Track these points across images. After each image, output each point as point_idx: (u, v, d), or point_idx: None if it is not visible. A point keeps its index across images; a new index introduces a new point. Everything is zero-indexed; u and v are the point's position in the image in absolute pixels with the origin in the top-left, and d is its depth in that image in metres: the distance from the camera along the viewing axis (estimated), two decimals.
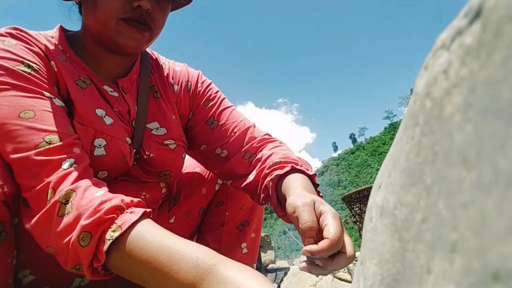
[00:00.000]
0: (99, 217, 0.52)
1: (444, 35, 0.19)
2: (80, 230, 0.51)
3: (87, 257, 0.52)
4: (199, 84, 0.91)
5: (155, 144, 0.79)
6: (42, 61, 0.66)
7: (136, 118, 0.78)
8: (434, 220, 0.17)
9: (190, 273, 0.47)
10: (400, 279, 0.20)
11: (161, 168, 0.81)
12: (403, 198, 0.21)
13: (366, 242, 0.27)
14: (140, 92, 0.80)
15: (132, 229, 0.52)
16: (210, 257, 0.48)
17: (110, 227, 0.52)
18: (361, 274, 0.27)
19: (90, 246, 0.51)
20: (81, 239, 0.51)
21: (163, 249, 0.50)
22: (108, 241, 0.51)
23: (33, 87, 0.61)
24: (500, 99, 0.14)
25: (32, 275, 0.69)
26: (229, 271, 0.46)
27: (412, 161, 0.21)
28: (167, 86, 0.86)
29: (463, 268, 0.14)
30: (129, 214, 0.54)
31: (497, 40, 0.14)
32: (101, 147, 0.69)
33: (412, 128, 0.21)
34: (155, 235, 0.52)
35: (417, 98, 0.21)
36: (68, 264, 0.54)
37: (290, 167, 0.73)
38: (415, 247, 0.19)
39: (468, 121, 0.15)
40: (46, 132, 0.57)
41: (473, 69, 0.16)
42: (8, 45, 0.64)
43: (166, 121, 0.83)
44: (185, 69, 0.92)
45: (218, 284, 0.45)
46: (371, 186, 0.65)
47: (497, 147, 0.13)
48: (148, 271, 0.50)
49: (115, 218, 0.53)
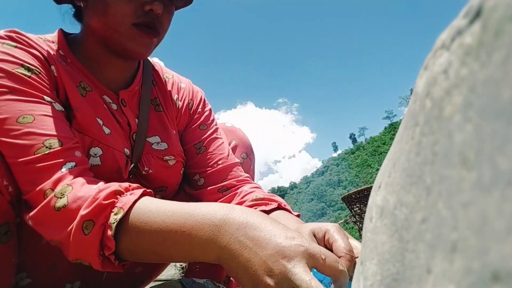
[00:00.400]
0: (99, 204, 0.51)
1: (444, 35, 0.19)
2: (80, 220, 0.51)
3: (93, 246, 0.51)
4: (201, 105, 0.90)
5: (155, 159, 0.78)
6: (42, 64, 0.65)
7: (137, 131, 0.76)
8: (434, 220, 0.17)
9: (204, 229, 0.47)
10: (400, 279, 0.20)
11: (158, 184, 0.79)
12: (403, 198, 0.21)
13: (366, 242, 0.27)
14: (141, 104, 0.78)
15: (133, 208, 0.52)
16: (219, 209, 0.48)
17: (112, 212, 0.52)
18: (361, 274, 0.27)
19: (94, 233, 0.51)
20: (85, 228, 0.51)
21: (170, 216, 0.50)
22: (113, 225, 0.50)
23: (32, 91, 0.60)
24: (500, 99, 0.14)
25: (28, 278, 0.69)
26: (243, 216, 0.46)
27: (412, 161, 0.21)
28: (169, 100, 0.85)
29: (463, 268, 0.14)
30: (128, 196, 0.54)
31: (497, 40, 0.14)
32: (97, 157, 0.68)
33: (412, 128, 0.21)
34: (158, 206, 0.52)
35: (417, 98, 0.21)
36: (69, 255, 0.53)
37: (277, 205, 0.71)
38: (415, 247, 0.19)
39: (468, 121, 0.15)
40: (45, 136, 0.57)
41: (473, 69, 0.16)
42: (8, 47, 0.63)
43: (167, 136, 0.81)
44: (190, 86, 0.91)
45: (237, 231, 0.45)
46: (371, 186, 0.65)
47: (497, 147, 0.13)
48: (161, 242, 0.50)
49: (115, 203, 0.52)
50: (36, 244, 0.67)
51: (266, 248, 0.43)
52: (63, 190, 0.53)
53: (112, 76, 0.76)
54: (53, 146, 0.56)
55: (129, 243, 0.52)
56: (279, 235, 0.44)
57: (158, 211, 0.51)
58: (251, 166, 0.97)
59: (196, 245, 0.47)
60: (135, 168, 0.75)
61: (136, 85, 0.79)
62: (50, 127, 0.58)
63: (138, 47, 0.69)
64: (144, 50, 0.70)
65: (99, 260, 0.52)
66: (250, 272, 0.43)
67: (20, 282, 0.68)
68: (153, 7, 0.67)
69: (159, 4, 0.67)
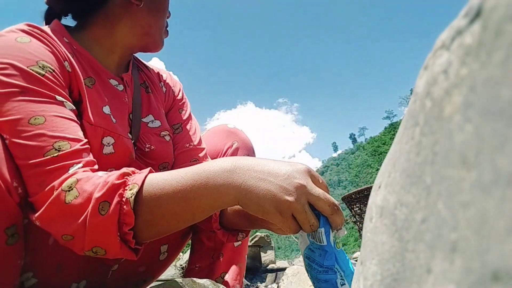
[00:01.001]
0: (112, 184, 0.53)
1: (444, 35, 0.19)
2: (96, 202, 0.52)
3: (112, 225, 0.52)
4: (181, 93, 0.99)
5: (154, 136, 0.82)
6: (57, 60, 0.65)
7: (132, 111, 0.81)
8: (434, 220, 0.17)
9: (219, 177, 0.54)
10: (400, 279, 0.20)
11: (161, 160, 0.83)
12: (403, 198, 0.21)
13: (366, 242, 0.27)
14: (135, 86, 0.85)
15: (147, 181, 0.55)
16: (226, 159, 0.56)
17: (125, 189, 0.54)
18: (361, 274, 0.27)
19: (112, 212, 0.52)
20: (101, 209, 0.52)
21: (183, 176, 0.55)
22: (131, 198, 0.53)
23: (45, 91, 0.60)
24: (500, 99, 0.14)
25: (34, 278, 0.69)
26: (249, 159, 0.55)
27: (412, 161, 0.21)
28: (156, 84, 0.92)
29: (463, 268, 0.14)
30: (138, 175, 0.57)
31: (497, 40, 0.14)
32: (110, 145, 0.71)
33: (412, 128, 0.21)
34: (170, 172, 0.56)
35: (417, 98, 0.21)
36: (85, 245, 0.54)
37: None
38: (415, 247, 0.19)
39: (468, 121, 0.15)
40: (56, 138, 0.57)
41: (473, 69, 0.16)
42: (22, 42, 0.62)
43: (159, 114, 0.87)
44: (169, 76, 1.00)
45: (247, 171, 0.53)
46: (371, 186, 0.65)
47: (497, 147, 0.13)
48: (180, 201, 0.54)
49: (127, 181, 0.55)
50: (42, 244, 0.67)
51: (278, 175, 0.53)
52: (69, 183, 0.54)
53: (114, 64, 0.82)
54: (62, 148, 0.57)
55: (148, 212, 0.54)
56: (284, 164, 0.54)
57: (171, 176, 0.55)
58: None
59: (214, 193, 0.53)
60: (134, 147, 0.79)
61: (131, 70, 0.86)
62: (60, 129, 0.58)
63: (161, 46, 0.85)
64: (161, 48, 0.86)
65: (117, 240, 0.53)
66: (270, 197, 0.51)
67: (26, 282, 0.68)
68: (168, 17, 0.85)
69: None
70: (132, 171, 0.58)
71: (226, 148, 0.94)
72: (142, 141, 0.80)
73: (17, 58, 0.59)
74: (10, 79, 0.57)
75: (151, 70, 0.95)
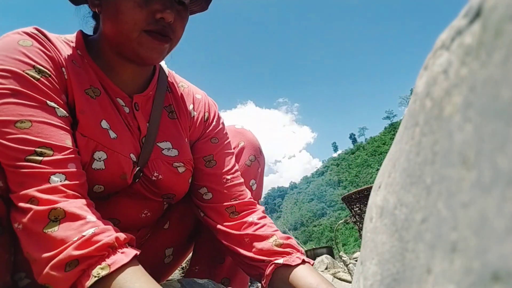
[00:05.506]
0: (90, 251, 0.52)
1: (444, 35, 0.19)
2: (69, 258, 0.51)
3: (66, 283, 0.51)
4: (215, 118, 0.90)
5: (165, 165, 0.78)
6: (54, 66, 0.65)
7: (147, 135, 0.76)
8: (434, 220, 0.17)
9: None
10: (400, 279, 0.20)
11: (166, 191, 0.80)
12: (403, 198, 0.21)
13: (366, 242, 0.27)
14: (154, 108, 0.79)
15: (120, 271, 0.52)
16: None
17: (99, 264, 0.52)
18: (361, 274, 0.27)
19: (73, 273, 0.51)
20: (68, 265, 0.51)
21: None
22: (94, 278, 0.51)
23: (36, 95, 0.60)
24: (500, 99, 0.14)
25: (28, 278, 0.68)
26: None
27: (412, 161, 0.21)
28: (184, 108, 0.85)
29: (463, 268, 0.14)
30: (120, 255, 0.54)
31: (497, 40, 0.14)
32: (101, 161, 0.68)
33: (412, 128, 0.21)
34: (141, 282, 0.52)
35: (417, 98, 0.21)
36: (39, 278, 0.54)
37: (301, 261, 0.73)
38: (415, 247, 0.19)
39: (468, 121, 0.15)
40: (39, 144, 0.57)
41: (473, 69, 0.16)
42: (23, 45, 0.62)
43: (179, 143, 0.81)
44: (205, 98, 0.91)
45: None
46: (371, 186, 0.65)
47: (497, 147, 0.13)
48: None
49: (105, 256, 0.53)
50: None
51: None
52: (56, 214, 0.53)
53: (127, 80, 0.76)
54: (45, 154, 0.57)
55: None
56: None
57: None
58: (258, 168, 0.97)
59: None
60: (140, 172, 0.75)
61: (150, 90, 0.79)
62: (45, 135, 0.58)
63: (150, 53, 0.69)
64: (155, 56, 0.70)
65: None
66: None
67: (19, 282, 0.68)
68: (164, 15, 0.67)
69: (170, 13, 0.67)
70: (119, 241, 0.55)
71: (233, 148, 0.93)
72: (151, 168, 0.76)
73: (14, 62, 0.60)
74: (3, 81, 0.58)
75: (184, 90, 0.88)
